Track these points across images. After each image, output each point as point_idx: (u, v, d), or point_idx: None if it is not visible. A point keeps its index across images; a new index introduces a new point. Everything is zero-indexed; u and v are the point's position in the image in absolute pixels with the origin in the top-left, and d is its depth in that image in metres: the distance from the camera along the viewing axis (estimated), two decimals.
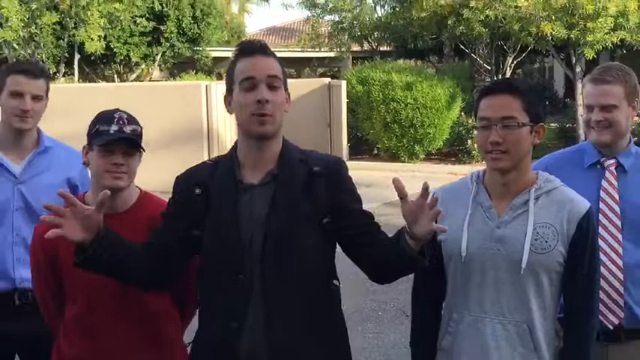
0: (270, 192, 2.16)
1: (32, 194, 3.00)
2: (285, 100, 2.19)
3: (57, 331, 2.60)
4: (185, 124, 12.76)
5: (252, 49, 2.18)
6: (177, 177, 2.31)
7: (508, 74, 17.90)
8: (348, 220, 2.20)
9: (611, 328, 2.70)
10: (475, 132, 2.33)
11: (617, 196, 2.73)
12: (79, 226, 2.04)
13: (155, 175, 12.06)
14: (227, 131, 13.10)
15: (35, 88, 2.98)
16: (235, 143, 2.27)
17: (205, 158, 11.77)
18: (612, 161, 2.77)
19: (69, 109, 10.94)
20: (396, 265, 2.13)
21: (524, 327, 2.24)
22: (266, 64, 2.15)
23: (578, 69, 15.67)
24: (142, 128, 2.52)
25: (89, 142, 2.45)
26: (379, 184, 13.16)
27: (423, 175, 14.44)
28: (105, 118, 2.44)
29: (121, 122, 2.42)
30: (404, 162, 15.63)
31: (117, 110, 2.48)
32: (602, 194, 2.74)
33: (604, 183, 2.75)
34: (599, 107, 2.71)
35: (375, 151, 16.66)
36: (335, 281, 2.27)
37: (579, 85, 15.23)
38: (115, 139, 2.39)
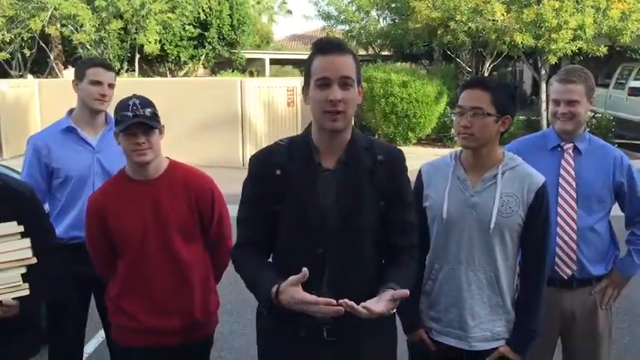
0: (341, 176, 1.96)
1: (107, 161, 3.04)
2: (357, 94, 1.94)
3: (107, 281, 2.60)
4: (224, 112, 12.73)
5: (328, 47, 1.91)
6: (253, 157, 2.06)
7: (486, 75, 17.76)
8: (396, 212, 2.02)
9: (566, 278, 2.74)
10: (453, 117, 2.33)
11: (573, 173, 2.74)
12: None
13: (200, 152, 12.18)
14: (257, 118, 13.06)
15: (110, 78, 3.03)
16: (308, 127, 2.04)
17: (240, 140, 11.66)
18: (570, 145, 2.77)
19: None
20: None
21: (491, 274, 2.27)
22: (340, 64, 1.89)
23: (543, 72, 15.50)
24: (154, 109, 2.44)
25: (115, 127, 2.43)
26: None
27: (414, 157, 14.47)
28: (122, 106, 2.39)
29: (134, 108, 2.36)
30: (399, 145, 15.53)
31: (132, 97, 2.41)
32: (562, 172, 2.75)
33: (563, 163, 2.76)
34: (565, 102, 2.70)
35: (376, 137, 16.62)
36: (383, 260, 2.09)
37: (544, 85, 15.11)
38: (131, 123, 2.35)
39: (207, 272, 2.62)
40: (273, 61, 27.97)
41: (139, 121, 2.34)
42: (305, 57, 2.07)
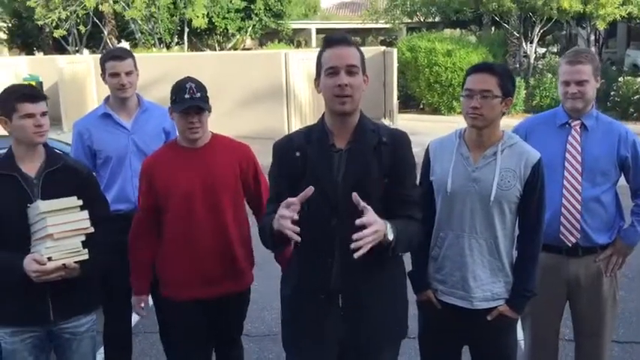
0: (350, 155, 2.20)
1: (141, 141, 3.38)
2: (362, 82, 2.19)
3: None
4: (269, 84, 12.98)
5: (335, 41, 2.18)
6: (276, 143, 2.32)
7: (535, 41, 17.42)
8: (398, 186, 2.22)
9: (570, 245, 2.92)
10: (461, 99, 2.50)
11: (579, 148, 2.89)
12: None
13: (246, 124, 12.53)
14: (301, 90, 13.24)
15: (125, 67, 3.29)
16: (323, 115, 2.29)
17: (284, 112, 12.00)
18: (577, 122, 2.92)
19: (181, 73, 11.39)
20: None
21: (490, 241, 2.48)
22: (346, 54, 2.15)
23: (592, 37, 15.13)
24: (206, 92, 2.76)
25: (171, 107, 2.76)
26: (423, 133, 13.15)
27: (459, 126, 14.32)
28: (180, 88, 2.72)
29: (191, 91, 2.70)
30: (444, 115, 15.49)
31: (187, 81, 2.74)
32: (569, 147, 2.90)
33: (570, 139, 2.91)
34: (575, 82, 2.85)
35: (421, 106, 16.57)
36: None
37: (593, 50, 14.75)
38: (188, 106, 2.69)
39: (247, 231, 2.96)
40: (319, 31, 28.03)
41: (194, 105, 2.70)
42: (352, 26, 2.32)
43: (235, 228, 2.88)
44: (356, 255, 1.93)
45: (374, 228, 1.97)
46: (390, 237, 2.06)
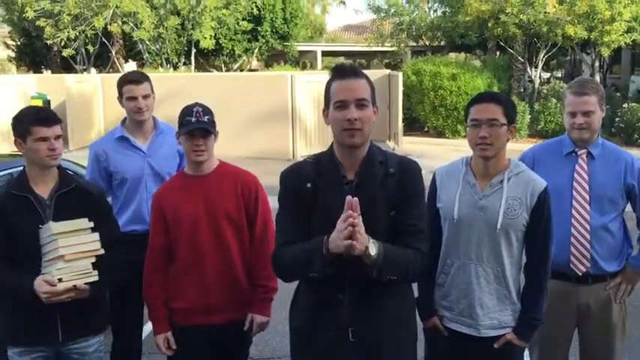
0: (357, 187, 2.16)
1: (156, 163, 3.42)
2: (372, 113, 2.16)
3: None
4: (275, 105, 13.08)
5: (345, 73, 2.15)
6: (284, 172, 2.28)
7: (540, 66, 17.53)
8: (403, 216, 2.18)
9: (580, 274, 2.93)
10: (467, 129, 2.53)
11: (586, 177, 2.92)
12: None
13: (251, 144, 12.58)
14: (307, 112, 13.33)
15: (143, 91, 3.34)
16: (331, 145, 2.26)
17: (290, 133, 12.02)
18: (584, 151, 2.96)
19: (187, 93, 11.49)
20: None
21: (497, 269, 2.49)
22: (356, 87, 2.12)
23: (597, 64, 15.22)
24: (213, 116, 2.79)
25: (178, 130, 2.79)
26: (428, 156, 13.28)
27: (463, 149, 14.30)
28: (187, 111, 2.76)
29: (197, 115, 2.73)
30: (448, 138, 15.57)
31: (195, 105, 2.77)
32: (576, 175, 2.93)
33: (577, 167, 2.94)
34: (581, 113, 2.88)
35: (425, 129, 16.66)
36: None
37: (597, 78, 14.85)
38: (193, 128, 2.71)
39: (250, 259, 2.93)
40: (325, 53, 28.25)
41: (200, 127, 2.73)
42: (358, 48, 2.30)
43: (239, 254, 2.88)
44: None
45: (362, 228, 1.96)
46: (373, 252, 2.00)
